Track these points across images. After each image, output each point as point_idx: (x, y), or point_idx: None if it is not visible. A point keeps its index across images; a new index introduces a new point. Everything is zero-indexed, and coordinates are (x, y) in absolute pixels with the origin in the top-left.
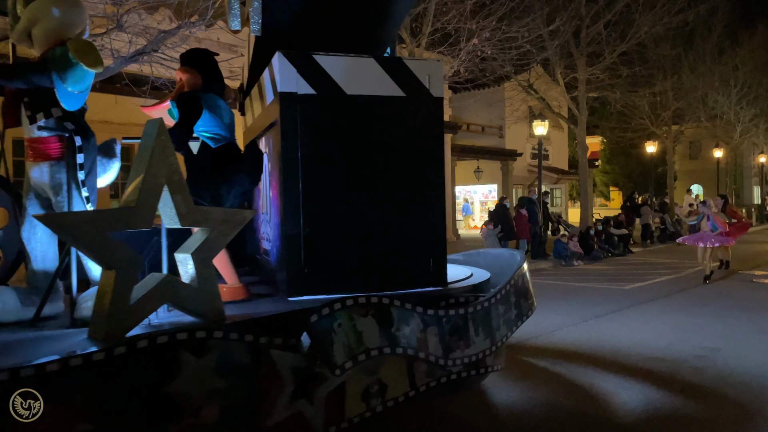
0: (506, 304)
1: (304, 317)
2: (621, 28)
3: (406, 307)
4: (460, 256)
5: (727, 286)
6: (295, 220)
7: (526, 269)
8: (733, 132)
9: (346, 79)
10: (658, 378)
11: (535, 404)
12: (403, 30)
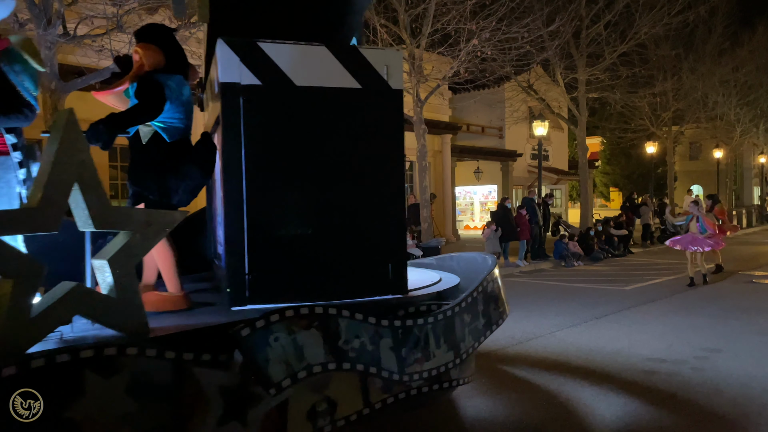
0: (473, 313)
1: (235, 331)
2: (621, 28)
3: (356, 317)
4: (434, 260)
5: (727, 287)
6: (238, 222)
7: (498, 274)
8: (734, 133)
9: (295, 69)
10: (657, 380)
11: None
12: (403, 30)
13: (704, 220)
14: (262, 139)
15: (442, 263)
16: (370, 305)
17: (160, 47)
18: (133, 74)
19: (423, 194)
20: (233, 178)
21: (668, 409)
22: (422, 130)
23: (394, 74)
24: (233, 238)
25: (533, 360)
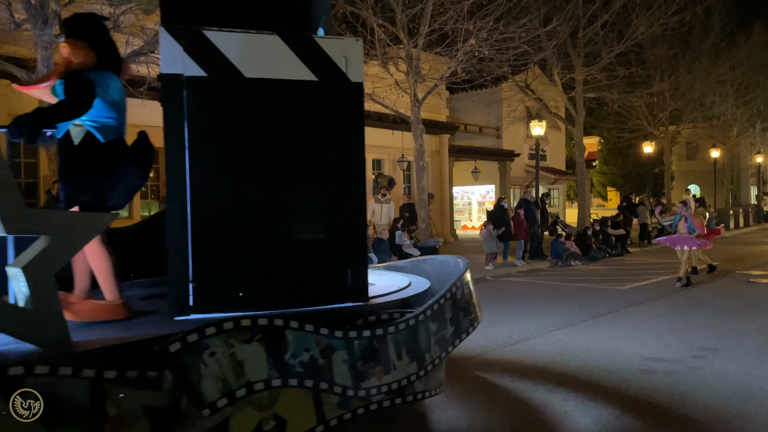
0: (439, 321)
1: (163, 346)
2: (618, 28)
3: (306, 329)
4: (408, 263)
5: (724, 286)
6: (182, 224)
7: (469, 279)
8: (730, 132)
9: (244, 60)
10: (655, 379)
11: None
12: (400, 30)
13: (692, 220)
14: (208, 136)
15: (415, 267)
16: (327, 314)
17: (90, 42)
18: (58, 71)
19: (421, 194)
20: (176, 176)
21: (662, 409)
22: (420, 130)
23: (353, 66)
24: (176, 242)
25: (530, 360)
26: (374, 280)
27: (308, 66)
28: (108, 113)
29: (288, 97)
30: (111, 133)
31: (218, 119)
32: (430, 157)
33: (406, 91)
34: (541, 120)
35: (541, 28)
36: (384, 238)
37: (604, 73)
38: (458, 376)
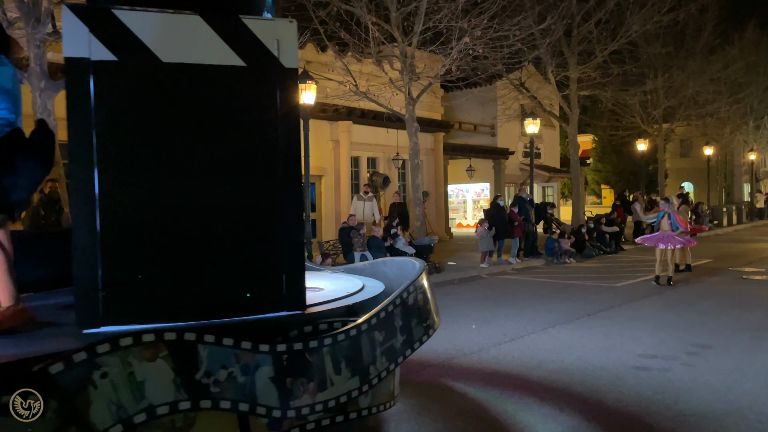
0: (387, 330)
1: (43, 367)
2: (612, 26)
3: (225, 343)
4: (367, 265)
5: (718, 283)
6: (89, 225)
7: (425, 282)
8: (724, 130)
9: (161, 43)
10: (648, 376)
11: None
12: (395, 29)
13: (676, 217)
14: (119, 128)
15: (375, 269)
16: (254, 326)
17: None
18: None
19: (416, 192)
20: (82, 172)
21: (657, 406)
22: (414, 128)
23: (286, 50)
24: (83, 246)
25: (526, 357)
26: (324, 285)
27: (235, 50)
28: (2, 105)
29: (212, 85)
30: (5, 124)
31: (131, 109)
32: (425, 156)
33: (401, 90)
34: (535, 118)
35: (535, 26)
36: (378, 235)
37: (598, 71)
38: (449, 374)
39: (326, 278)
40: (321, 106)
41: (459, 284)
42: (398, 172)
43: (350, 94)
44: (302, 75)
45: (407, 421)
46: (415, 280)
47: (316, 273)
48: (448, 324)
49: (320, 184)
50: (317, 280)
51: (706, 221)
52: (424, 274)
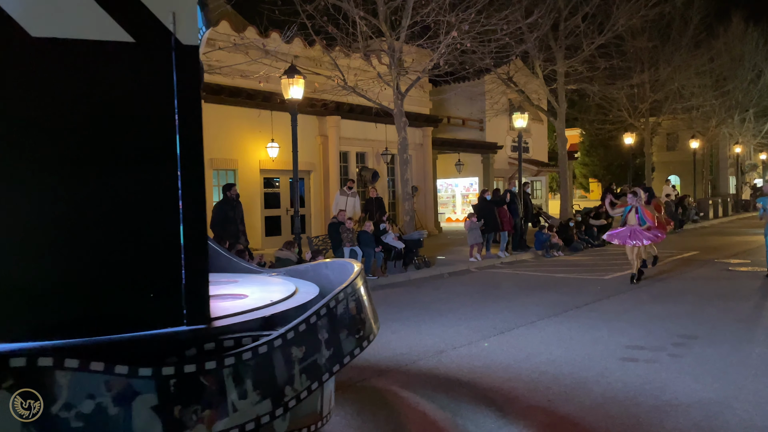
0: (308, 344)
1: None
2: (599, 20)
3: (93, 368)
4: (310, 267)
5: (704, 274)
6: None
7: (360, 287)
8: (709, 123)
9: (28, 14)
10: (636, 368)
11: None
12: (382, 23)
13: (643, 212)
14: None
15: (317, 271)
16: (137, 345)
17: None
18: None
19: (405, 187)
20: None
21: (644, 396)
22: (403, 123)
23: (184, 24)
24: None
25: (515, 350)
26: (251, 291)
27: (120, 23)
28: None
29: (92, 65)
30: None
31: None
32: (413, 150)
33: (389, 84)
34: (523, 112)
35: (522, 20)
36: (368, 230)
37: (585, 65)
38: (439, 367)
39: (258, 283)
40: (309, 101)
41: (448, 278)
42: (387, 166)
43: (338, 89)
44: (290, 69)
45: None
46: (345, 287)
47: (252, 277)
48: (437, 318)
49: (309, 179)
50: (248, 285)
51: (692, 214)
52: (359, 279)
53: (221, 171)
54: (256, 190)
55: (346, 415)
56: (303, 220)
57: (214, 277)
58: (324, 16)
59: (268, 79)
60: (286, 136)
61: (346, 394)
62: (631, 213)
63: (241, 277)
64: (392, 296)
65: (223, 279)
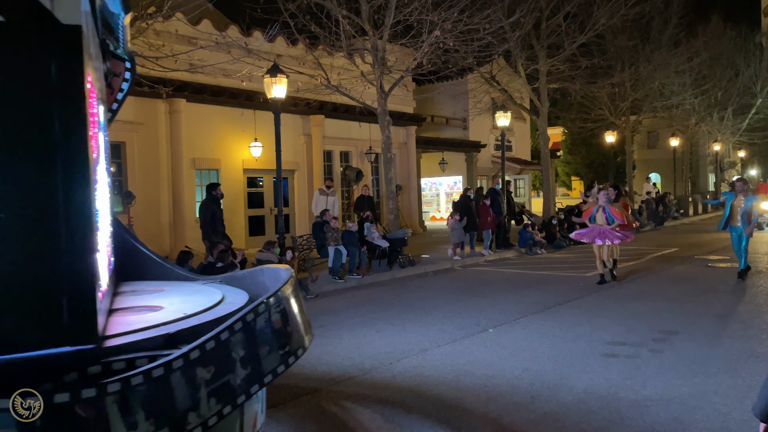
0: (219, 364)
1: None
2: (580, 20)
3: None
4: (246, 274)
5: (684, 271)
6: None
7: (289, 297)
8: (689, 121)
9: None
10: (617, 363)
11: None
12: (365, 22)
13: (611, 210)
14: None
15: (254, 278)
16: (6, 369)
17: None
18: None
19: (389, 186)
20: None
21: (625, 391)
22: (387, 122)
23: (64, 0)
24: None
25: (498, 347)
26: (170, 302)
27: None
28: None
29: None
30: None
31: None
32: (397, 149)
33: (373, 83)
34: (506, 111)
35: (504, 19)
36: (353, 230)
37: (567, 64)
38: (424, 365)
39: (184, 293)
40: (292, 100)
41: (433, 276)
42: (371, 165)
43: (322, 88)
44: (273, 68)
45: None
46: (267, 298)
47: (182, 285)
48: (422, 316)
49: (293, 178)
50: (172, 295)
51: (672, 211)
52: (287, 288)
53: (204, 171)
54: (239, 190)
55: (316, 421)
56: (287, 219)
57: (139, 286)
58: (307, 15)
59: (250, 78)
60: (269, 135)
61: (316, 399)
62: (599, 212)
63: (171, 285)
64: (377, 295)
65: (150, 288)
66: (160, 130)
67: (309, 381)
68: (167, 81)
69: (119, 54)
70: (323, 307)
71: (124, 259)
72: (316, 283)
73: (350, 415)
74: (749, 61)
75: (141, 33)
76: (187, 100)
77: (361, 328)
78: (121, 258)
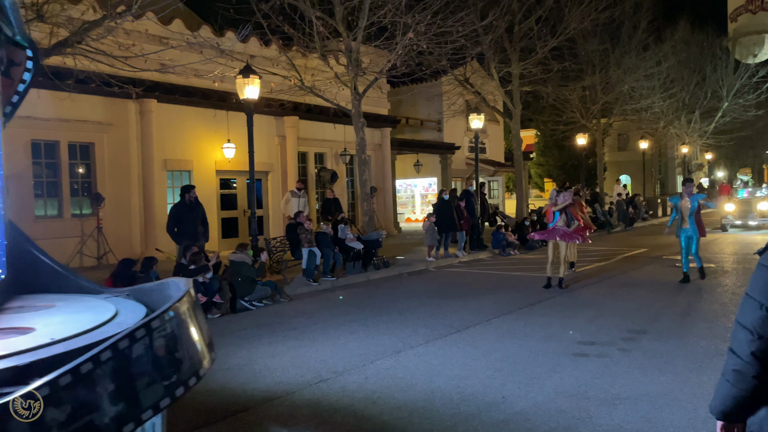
0: (77, 401)
1: None
2: (551, 23)
3: None
4: (155, 287)
5: (652, 271)
6: None
7: (182, 315)
8: (658, 124)
9: None
10: (587, 363)
11: None
12: (339, 23)
13: (571, 211)
14: None
15: (162, 291)
16: None
17: None
18: None
19: (363, 187)
20: None
21: (594, 390)
22: (361, 124)
23: None
24: None
25: (471, 347)
26: (50, 322)
27: None
28: None
29: None
30: None
31: None
32: (372, 151)
33: (347, 85)
34: (479, 113)
35: (478, 22)
36: (328, 231)
37: (539, 67)
38: (397, 367)
39: (74, 309)
40: (266, 101)
41: (407, 278)
42: (346, 167)
43: (296, 89)
44: (245, 69)
45: None
46: (150, 320)
47: (78, 299)
48: (396, 317)
49: (267, 180)
50: (59, 313)
51: (642, 213)
52: (180, 305)
53: (176, 172)
54: (212, 192)
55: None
56: (261, 221)
57: (30, 301)
58: (280, 16)
59: (223, 78)
60: (242, 136)
61: (288, 401)
62: (560, 213)
63: (67, 300)
64: (351, 297)
65: (40, 303)
66: (131, 130)
67: (280, 385)
68: (137, 81)
69: (18, 41)
70: (297, 310)
71: (22, 270)
72: (290, 285)
73: (322, 419)
74: (716, 65)
75: (110, 32)
76: (158, 100)
77: (335, 330)
78: (19, 269)
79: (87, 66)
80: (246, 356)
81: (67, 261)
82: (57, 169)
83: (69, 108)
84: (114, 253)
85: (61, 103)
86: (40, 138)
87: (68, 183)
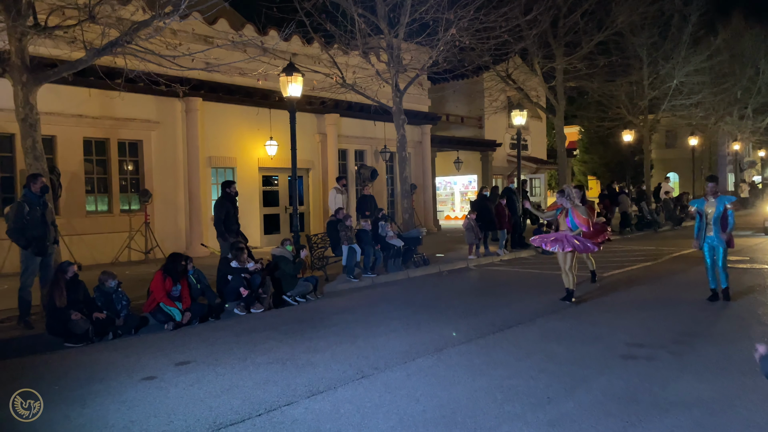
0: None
1: None
2: (598, 17)
3: None
4: None
5: (702, 272)
6: None
7: None
8: (708, 120)
9: None
10: (637, 365)
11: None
12: (381, 20)
13: (574, 215)
14: None
15: None
16: None
17: None
18: None
19: (404, 184)
20: None
21: (644, 394)
22: (402, 121)
23: None
24: None
25: (514, 348)
26: None
27: None
28: None
29: None
30: None
31: None
32: (412, 148)
33: (388, 82)
34: (522, 110)
35: (521, 17)
36: (367, 228)
37: (585, 62)
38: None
39: None
40: (307, 99)
41: (447, 276)
42: (386, 164)
43: (337, 87)
44: (289, 67)
45: None
46: None
47: None
48: (436, 315)
49: (308, 177)
50: None
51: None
52: None
53: (220, 169)
54: (254, 188)
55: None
56: (302, 218)
57: None
58: (322, 14)
59: (266, 76)
60: (284, 134)
61: (329, 396)
62: (561, 216)
63: None
64: (391, 294)
65: None
66: (177, 128)
67: (323, 381)
68: (184, 80)
69: None
70: (338, 306)
71: None
72: (331, 282)
73: (365, 415)
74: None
75: (158, 32)
76: (203, 98)
77: (376, 327)
78: None
79: (136, 65)
80: (288, 351)
81: (115, 255)
82: (107, 166)
83: (119, 106)
84: (161, 248)
85: (111, 102)
86: (90, 136)
87: (117, 179)
